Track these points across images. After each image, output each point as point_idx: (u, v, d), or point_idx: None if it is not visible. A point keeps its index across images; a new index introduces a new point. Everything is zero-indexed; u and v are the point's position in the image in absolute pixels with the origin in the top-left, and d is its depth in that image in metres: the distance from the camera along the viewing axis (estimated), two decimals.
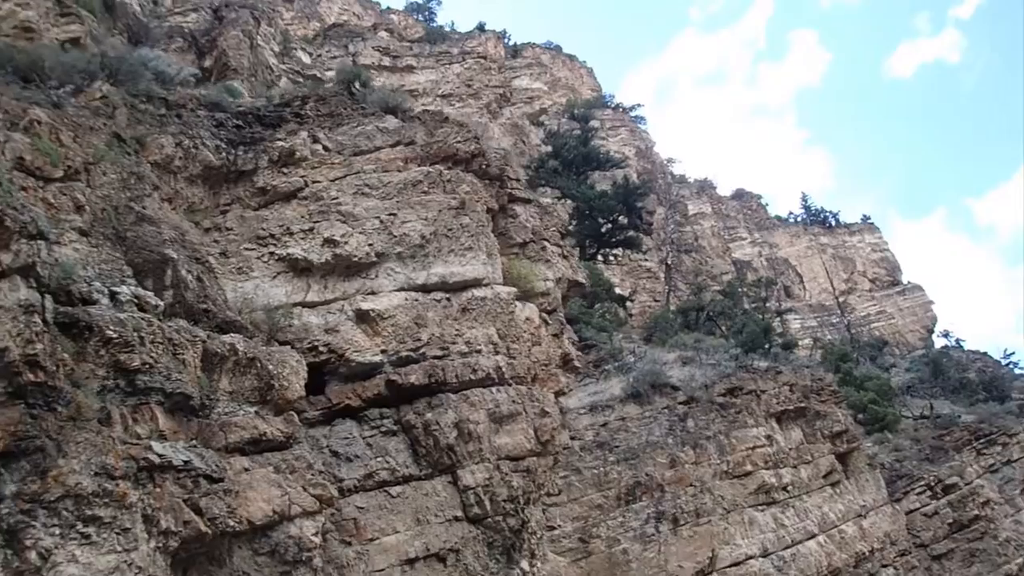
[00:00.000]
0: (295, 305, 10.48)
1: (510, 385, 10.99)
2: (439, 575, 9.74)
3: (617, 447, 19.18)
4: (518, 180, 12.93)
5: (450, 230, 11.29)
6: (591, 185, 36.79)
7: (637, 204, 36.47)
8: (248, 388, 8.89)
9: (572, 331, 13.81)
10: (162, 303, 8.69)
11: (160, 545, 7.26)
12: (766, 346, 25.21)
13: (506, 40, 58.06)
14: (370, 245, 10.92)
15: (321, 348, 10.32)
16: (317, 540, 8.53)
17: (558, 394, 12.34)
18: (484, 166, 12.19)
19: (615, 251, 39.01)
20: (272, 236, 10.78)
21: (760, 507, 19.53)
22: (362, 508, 9.68)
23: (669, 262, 43.18)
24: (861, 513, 23.05)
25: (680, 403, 20.45)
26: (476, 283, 11.25)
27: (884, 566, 22.77)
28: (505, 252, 12.55)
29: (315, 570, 8.47)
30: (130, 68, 11.17)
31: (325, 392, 10.37)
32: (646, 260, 52.50)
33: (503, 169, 12.51)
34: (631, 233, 37.09)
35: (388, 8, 71.53)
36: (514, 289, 11.63)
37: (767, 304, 29.64)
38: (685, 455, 19.11)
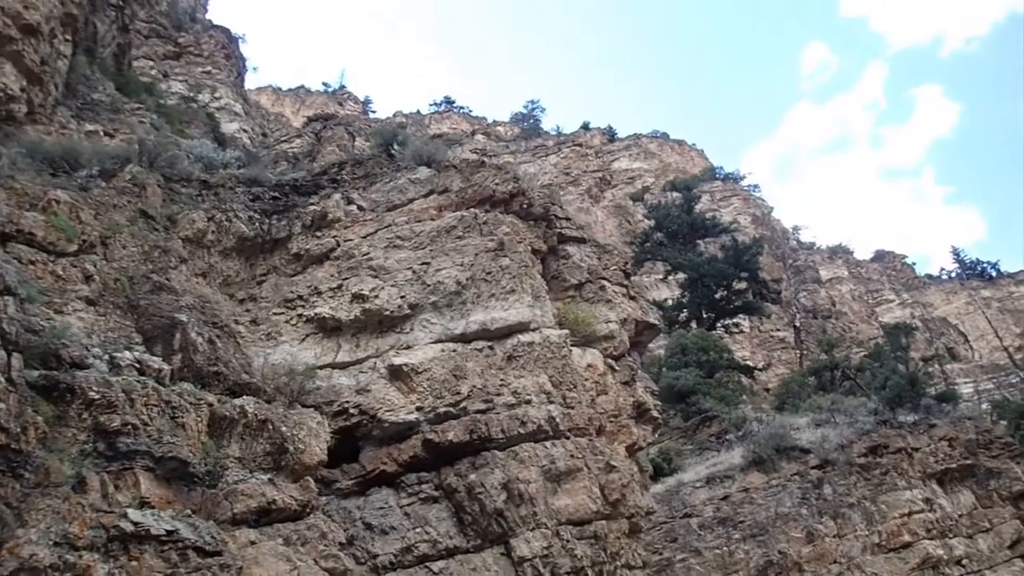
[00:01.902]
0: (324, 367, 9.74)
1: (567, 438, 9.58)
2: None
3: (742, 522, 16.87)
4: (568, 219, 11.89)
5: (488, 273, 10.34)
6: (699, 253, 35.01)
7: (751, 265, 34.19)
8: (260, 453, 8.08)
9: (650, 380, 12.22)
10: (168, 367, 8.17)
11: None
12: (918, 401, 21.95)
13: (612, 135, 58.23)
14: (402, 297, 10.12)
15: (352, 410, 9.43)
16: None
17: (632, 448, 10.73)
18: (526, 206, 11.29)
19: (736, 319, 36.51)
20: (300, 298, 10.24)
21: None
22: None
23: (797, 324, 39.91)
24: None
25: (813, 467, 17.93)
26: (522, 328, 10.13)
27: None
28: (560, 296, 11.39)
29: None
30: (168, 153, 11.35)
31: (359, 459, 9.40)
32: (778, 331, 49.16)
33: (548, 208, 11.54)
34: (750, 298, 34.66)
35: (494, 121, 74.65)
36: (566, 331, 10.39)
37: (910, 353, 26.23)
38: (824, 527, 16.47)
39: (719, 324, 35.69)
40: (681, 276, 36.82)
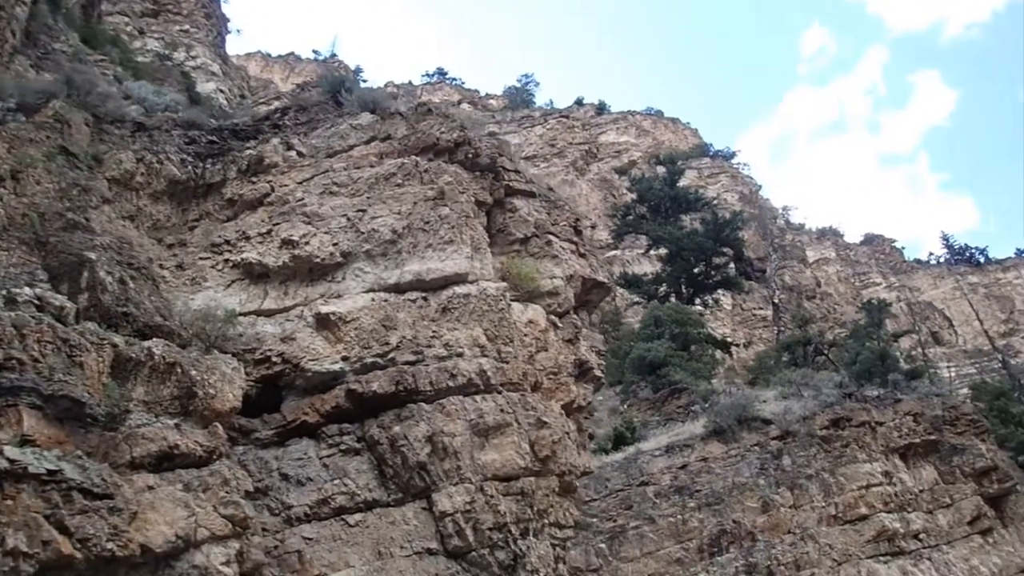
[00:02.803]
0: (249, 314, 9.37)
1: (498, 392, 9.27)
2: None
3: (698, 491, 16.69)
4: (517, 172, 11.48)
5: (427, 223, 9.95)
6: (680, 228, 34.63)
7: (732, 240, 33.85)
8: (167, 397, 7.75)
9: (597, 339, 11.90)
10: (73, 306, 7.80)
11: (8, 568, 6.06)
12: (886, 376, 21.78)
13: (606, 111, 57.28)
14: (335, 245, 9.74)
15: (275, 358, 9.09)
16: (228, 571, 7.07)
17: (570, 407, 10.43)
18: (472, 156, 10.86)
19: (716, 296, 36.22)
20: (228, 243, 9.84)
21: (883, 558, 16.21)
22: (310, 539, 8.14)
23: (776, 301, 39.70)
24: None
25: (773, 439, 17.73)
26: (459, 279, 9.78)
27: None
28: (505, 251, 11.01)
29: None
30: (99, 90, 10.87)
31: (281, 409, 9.07)
32: (760, 309, 48.98)
33: (495, 159, 11.11)
34: (729, 272, 34.36)
35: (487, 94, 73.64)
36: (505, 285, 10.03)
37: (881, 331, 26.03)
38: (780, 497, 16.30)
39: (698, 299, 35.43)
40: (663, 251, 36.48)
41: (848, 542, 15.93)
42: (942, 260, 78.93)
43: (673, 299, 33.92)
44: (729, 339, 37.30)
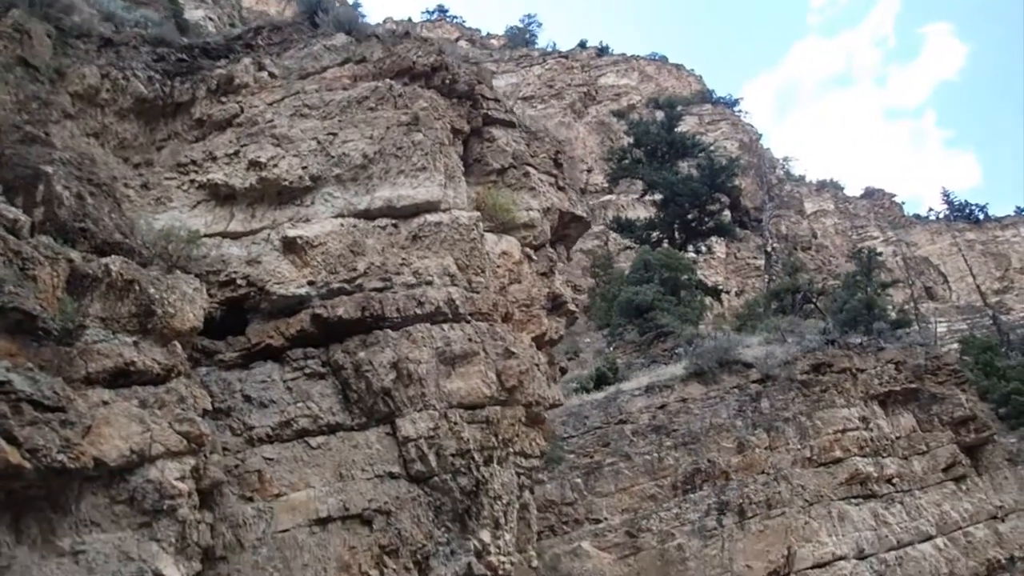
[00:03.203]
0: (215, 235, 9.21)
1: (467, 322, 9.19)
2: (361, 539, 8.02)
3: (675, 431, 16.80)
4: (496, 100, 11.18)
5: (399, 148, 9.72)
6: (676, 173, 34.21)
7: (726, 187, 33.49)
8: (125, 315, 7.63)
9: (573, 274, 11.77)
10: (28, 219, 7.63)
11: None
12: (871, 324, 21.78)
13: (608, 54, 56.01)
14: (304, 168, 9.52)
15: (240, 281, 8.97)
16: (183, 487, 7.06)
17: (541, 339, 10.36)
18: (449, 81, 10.56)
19: (709, 242, 36.03)
20: (194, 163, 9.62)
21: (854, 500, 16.43)
22: (271, 460, 8.15)
23: (769, 250, 39.55)
24: (996, 515, 19.16)
25: (753, 382, 17.78)
26: (430, 207, 9.60)
27: None
28: (481, 181, 10.80)
29: (182, 522, 6.99)
30: (64, 2, 10.48)
31: (246, 332, 8.99)
32: (755, 258, 48.84)
33: (474, 86, 10.81)
34: (722, 219, 34.11)
35: (488, 34, 72.00)
36: (477, 214, 9.86)
37: (871, 279, 25.95)
38: (756, 438, 16.42)
39: (691, 246, 35.24)
40: (658, 197, 36.12)
41: (821, 484, 16.12)
42: (941, 216, 78.45)
43: (666, 245, 33.73)
44: (721, 287, 37.24)
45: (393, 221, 9.54)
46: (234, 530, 7.74)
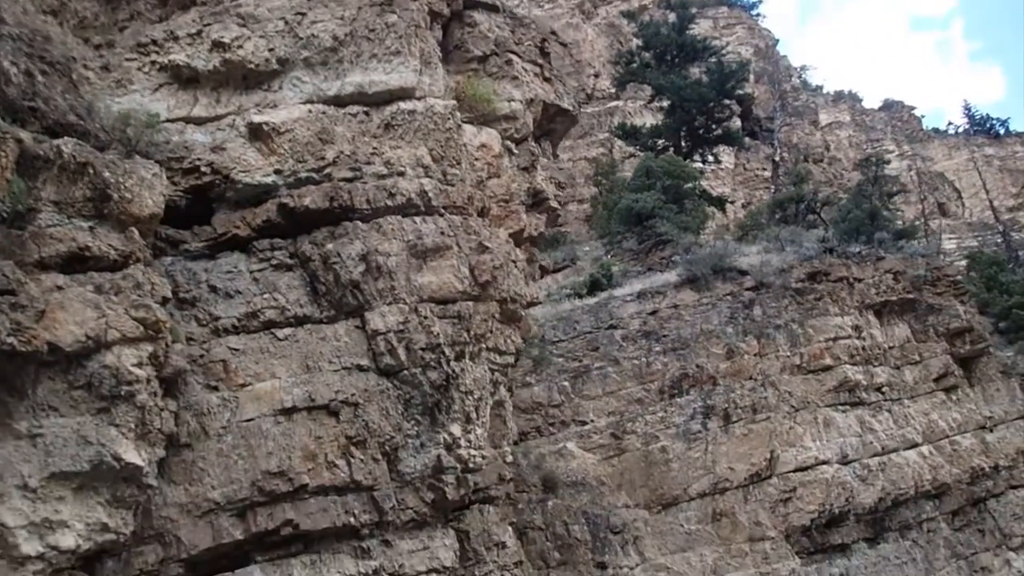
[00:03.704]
0: (178, 120, 8.82)
1: (440, 215, 8.90)
2: (328, 429, 7.99)
3: (665, 336, 16.71)
4: None
5: (372, 31, 9.18)
6: (685, 78, 32.98)
7: (736, 92, 32.35)
8: (80, 199, 7.38)
9: (557, 170, 11.39)
10: None
11: None
12: (873, 234, 21.35)
13: None
14: (271, 50, 9.02)
15: (204, 168, 8.64)
16: (141, 373, 6.97)
17: (519, 235, 10.08)
18: None
19: (717, 152, 35.12)
20: (155, 43, 9.11)
21: (841, 407, 16.45)
22: (236, 350, 8.05)
23: (777, 159, 38.65)
24: (985, 425, 19.24)
25: (747, 289, 17.54)
26: (404, 94, 9.15)
27: (1014, 487, 18.96)
28: (462, 69, 10.28)
29: (141, 408, 6.93)
30: None
31: (211, 222, 8.74)
32: (764, 170, 47.81)
33: None
34: (731, 126, 33.11)
35: None
36: (454, 103, 9.40)
37: (875, 185, 25.33)
38: (746, 345, 16.33)
39: (698, 155, 34.37)
40: (666, 103, 34.97)
41: (808, 390, 16.11)
42: (961, 131, 76.24)
43: (671, 152, 32.90)
44: (728, 198, 36.55)
45: (364, 108, 9.12)
46: (199, 418, 7.71)
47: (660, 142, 33.70)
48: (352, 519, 7.98)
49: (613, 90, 40.96)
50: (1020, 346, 25.19)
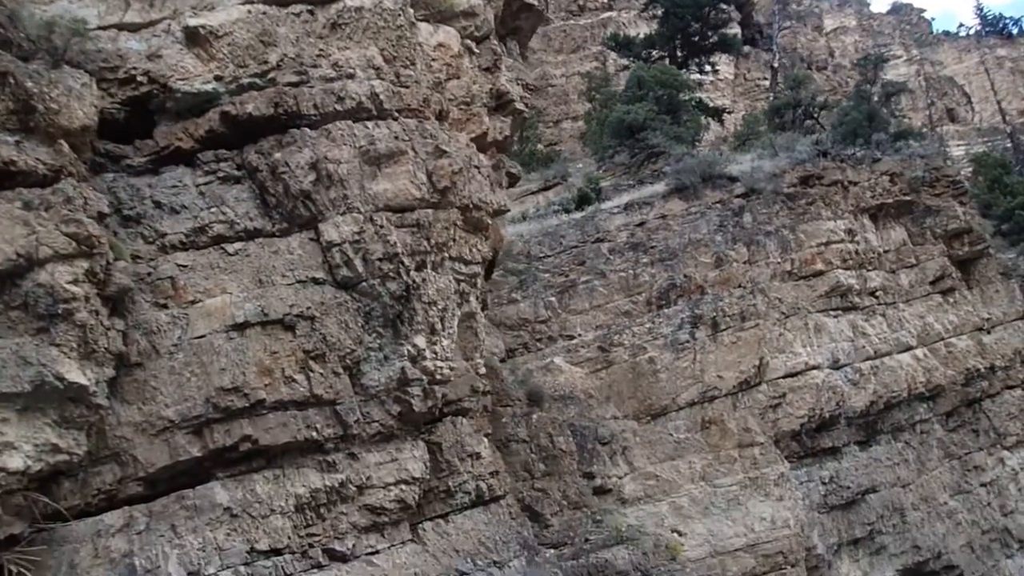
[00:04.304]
0: (110, 27, 8.32)
1: (394, 119, 8.46)
2: (284, 344, 7.78)
3: (653, 247, 16.34)
4: None
5: None
6: None
7: None
8: (2, 112, 7.02)
9: (524, 70, 10.83)
10: None
11: None
12: (870, 136, 20.63)
13: None
14: None
15: (140, 78, 8.19)
16: (78, 290, 6.73)
17: (483, 140, 9.64)
18: None
19: (714, 60, 33.91)
20: None
21: (833, 312, 16.19)
22: (185, 267, 7.78)
23: (775, 65, 37.42)
24: (982, 327, 18.99)
25: (737, 196, 17.05)
26: None
27: (1010, 387, 18.85)
28: None
29: (82, 327, 6.73)
30: None
31: (153, 135, 8.33)
32: (764, 79, 46.38)
33: None
34: (727, 33, 31.86)
35: None
36: None
37: (874, 87, 24.43)
38: (735, 253, 15.96)
39: (695, 64, 33.20)
40: (660, 12, 33.59)
41: (799, 296, 15.82)
42: (972, 32, 73.50)
43: (667, 63, 31.77)
44: (727, 109, 35.51)
45: (308, 7, 8.58)
46: (148, 337, 7.49)
47: (654, 52, 32.53)
48: (315, 433, 7.84)
49: (607, 1, 39.45)
50: (1022, 247, 24.78)
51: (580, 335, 15.44)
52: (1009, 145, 57.03)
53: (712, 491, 13.96)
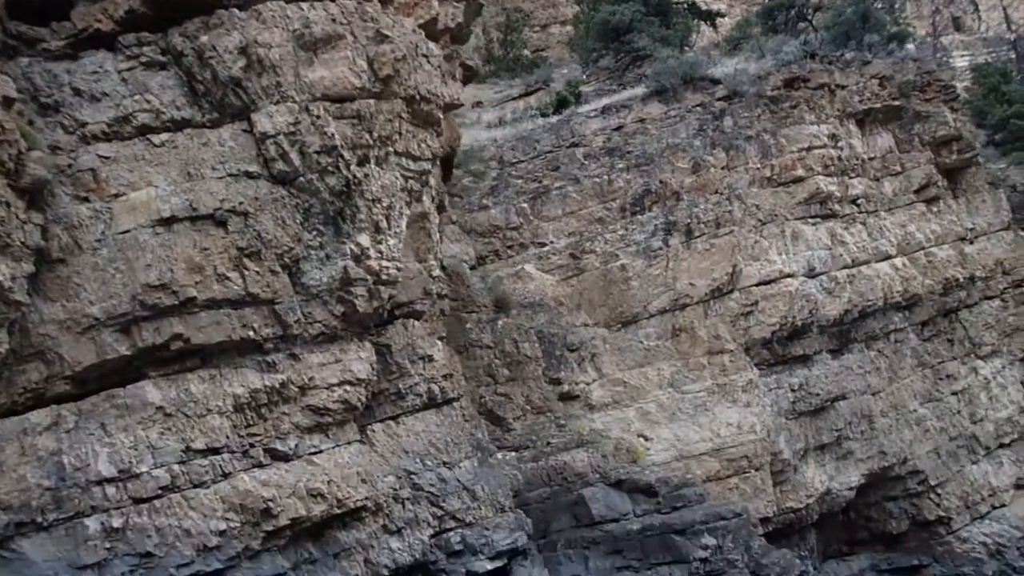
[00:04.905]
0: None
1: (332, 0, 7.84)
2: (215, 241, 7.48)
3: (630, 152, 15.83)
4: None
5: None
6: None
7: None
8: None
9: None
10: None
11: None
12: (863, 38, 19.75)
13: None
14: None
15: None
16: None
17: (432, 27, 9.03)
18: None
19: None
20: None
21: (812, 220, 15.82)
22: (107, 158, 7.39)
23: None
24: (965, 236, 18.64)
25: (719, 99, 16.41)
26: None
27: (988, 297, 18.68)
28: None
29: None
30: None
31: (71, 16, 7.76)
32: None
33: None
34: None
35: None
36: None
37: None
38: (713, 158, 15.46)
39: None
40: None
41: (777, 203, 15.41)
42: None
43: None
44: (722, 13, 34.05)
45: None
46: (70, 232, 7.15)
47: None
48: (252, 333, 7.61)
49: None
50: (1015, 157, 24.21)
51: (552, 242, 15.12)
52: (1013, 55, 55.32)
53: (680, 397, 13.95)
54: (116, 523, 6.83)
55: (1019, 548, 16.66)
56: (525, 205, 15.51)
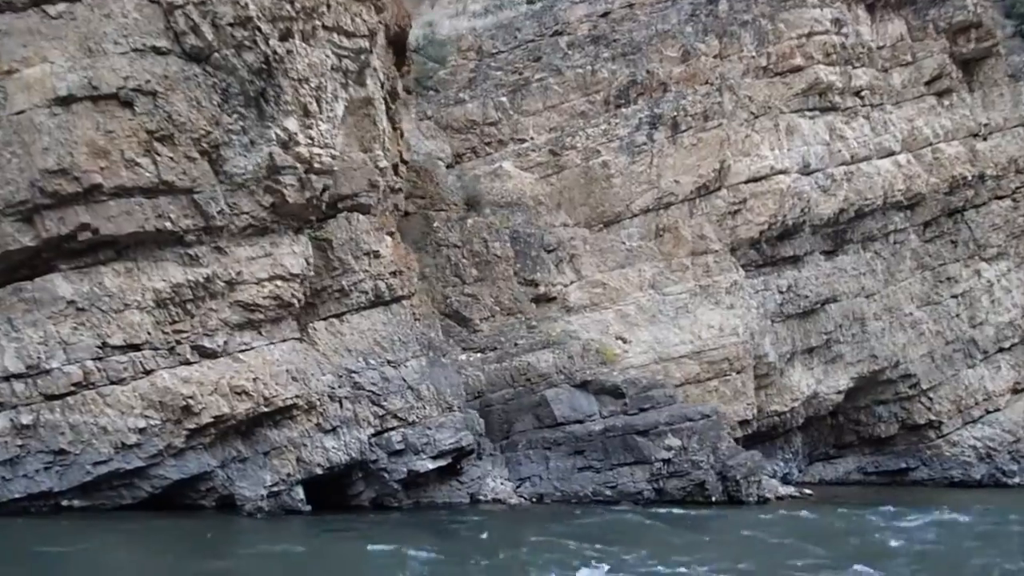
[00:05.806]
0: None
1: None
2: (121, 123, 6.94)
3: (616, 41, 14.82)
4: None
5: None
6: None
7: None
8: None
9: None
10: None
11: None
12: None
13: None
14: None
15: None
16: None
17: None
18: None
19: None
20: None
21: (809, 113, 14.88)
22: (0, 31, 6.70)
23: None
24: (978, 132, 17.56)
25: None
26: None
27: (999, 197, 17.75)
28: None
29: None
30: None
31: None
32: None
33: None
34: None
35: None
36: None
37: None
38: (705, 46, 14.43)
39: None
40: None
41: (772, 95, 14.44)
42: None
43: None
44: None
45: None
46: None
47: None
48: (169, 224, 7.14)
49: None
50: None
51: (532, 138, 14.34)
52: None
53: (661, 299, 13.46)
54: (26, 419, 6.59)
55: (1011, 452, 16.39)
56: (504, 99, 14.67)
